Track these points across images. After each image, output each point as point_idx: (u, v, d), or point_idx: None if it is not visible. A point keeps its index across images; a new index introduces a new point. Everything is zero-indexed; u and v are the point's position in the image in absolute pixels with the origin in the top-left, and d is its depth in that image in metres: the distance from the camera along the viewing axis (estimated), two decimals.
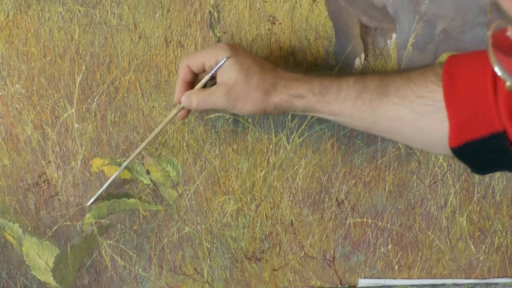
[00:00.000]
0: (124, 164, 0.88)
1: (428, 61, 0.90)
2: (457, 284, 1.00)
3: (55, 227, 0.94)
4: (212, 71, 0.79)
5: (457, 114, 0.72)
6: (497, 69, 0.50)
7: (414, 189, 0.96)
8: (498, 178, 0.95)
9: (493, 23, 0.49)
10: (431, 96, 0.74)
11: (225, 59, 0.78)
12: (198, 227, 0.95)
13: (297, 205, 0.95)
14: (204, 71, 0.81)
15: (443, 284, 1.00)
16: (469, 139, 0.72)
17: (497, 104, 0.69)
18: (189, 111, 0.83)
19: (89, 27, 0.86)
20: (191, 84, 0.82)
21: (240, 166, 0.93)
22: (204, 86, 0.81)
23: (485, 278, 1.00)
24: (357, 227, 0.97)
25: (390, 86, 0.77)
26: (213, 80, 0.81)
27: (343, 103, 0.78)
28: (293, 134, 0.92)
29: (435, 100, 0.74)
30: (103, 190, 0.91)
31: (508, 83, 0.50)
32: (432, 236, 0.98)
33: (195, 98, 0.80)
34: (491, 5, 0.48)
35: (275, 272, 0.98)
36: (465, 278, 1.00)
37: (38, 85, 0.88)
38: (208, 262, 0.97)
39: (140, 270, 0.97)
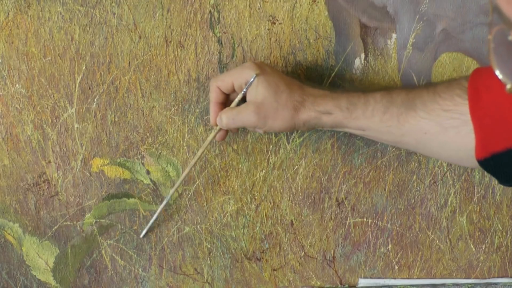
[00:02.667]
0: (171, 191, 0.90)
1: (428, 61, 0.90)
2: (457, 284, 1.00)
3: (55, 227, 0.94)
4: (244, 89, 0.80)
5: (483, 126, 0.73)
6: (498, 73, 0.51)
7: (414, 189, 0.96)
8: None
9: (494, 27, 0.49)
10: (457, 110, 0.75)
11: (254, 76, 0.79)
12: (198, 227, 0.95)
13: (297, 205, 0.95)
14: (233, 91, 0.82)
15: (443, 284, 1.00)
16: (496, 151, 0.73)
17: None
18: (226, 132, 0.85)
19: (89, 27, 0.86)
20: (223, 105, 0.83)
21: (240, 166, 0.93)
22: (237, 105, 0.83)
23: (485, 278, 1.00)
24: (357, 227, 0.97)
25: (416, 100, 0.78)
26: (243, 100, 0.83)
27: (371, 118, 0.79)
28: (293, 134, 0.92)
29: (461, 113, 0.75)
30: (154, 219, 0.92)
31: (508, 86, 0.50)
32: (432, 236, 0.98)
33: (224, 117, 0.82)
34: (492, 9, 0.48)
35: (275, 272, 0.98)
36: (465, 278, 1.00)
37: (38, 85, 0.88)
38: (208, 262, 0.97)
39: (140, 270, 0.97)
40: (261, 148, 0.93)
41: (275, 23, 0.88)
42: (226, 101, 0.83)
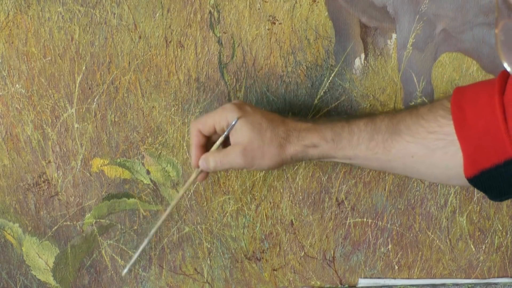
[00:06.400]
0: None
1: (428, 61, 0.90)
2: (457, 284, 1.00)
3: (55, 227, 0.94)
4: (225, 133, 0.80)
5: (469, 144, 0.73)
6: (506, 65, 0.51)
7: (414, 189, 0.96)
8: None
9: (501, 21, 0.49)
10: (442, 131, 0.75)
11: (236, 119, 0.79)
12: (198, 227, 0.95)
13: (297, 205, 0.95)
14: (215, 133, 0.82)
15: (443, 284, 1.00)
16: (484, 167, 0.73)
17: (508, 131, 0.70)
18: (207, 173, 0.84)
19: (89, 27, 0.86)
20: (205, 147, 0.83)
21: None
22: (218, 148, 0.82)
23: (485, 278, 1.00)
24: (357, 227, 0.97)
25: (400, 125, 0.78)
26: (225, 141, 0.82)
27: (357, 147, 0.80)
28: None
29: (446, 134, 0.75)
30: (138, 255, 0.87)
31: None
32: (432, 236, 0.98)
33: (211, 160, 0.81)
34: (498, 3, 0.48)
35: (275, 272, 0.98)
36: (465, 278, 1.00)
37: (38, 85, 0.88)
38: (208, 262, 0.97)
39: (140, 270, 0.97)
40: None
41: (275, 23, 0.88)
42: (207, 144, 0.83)
